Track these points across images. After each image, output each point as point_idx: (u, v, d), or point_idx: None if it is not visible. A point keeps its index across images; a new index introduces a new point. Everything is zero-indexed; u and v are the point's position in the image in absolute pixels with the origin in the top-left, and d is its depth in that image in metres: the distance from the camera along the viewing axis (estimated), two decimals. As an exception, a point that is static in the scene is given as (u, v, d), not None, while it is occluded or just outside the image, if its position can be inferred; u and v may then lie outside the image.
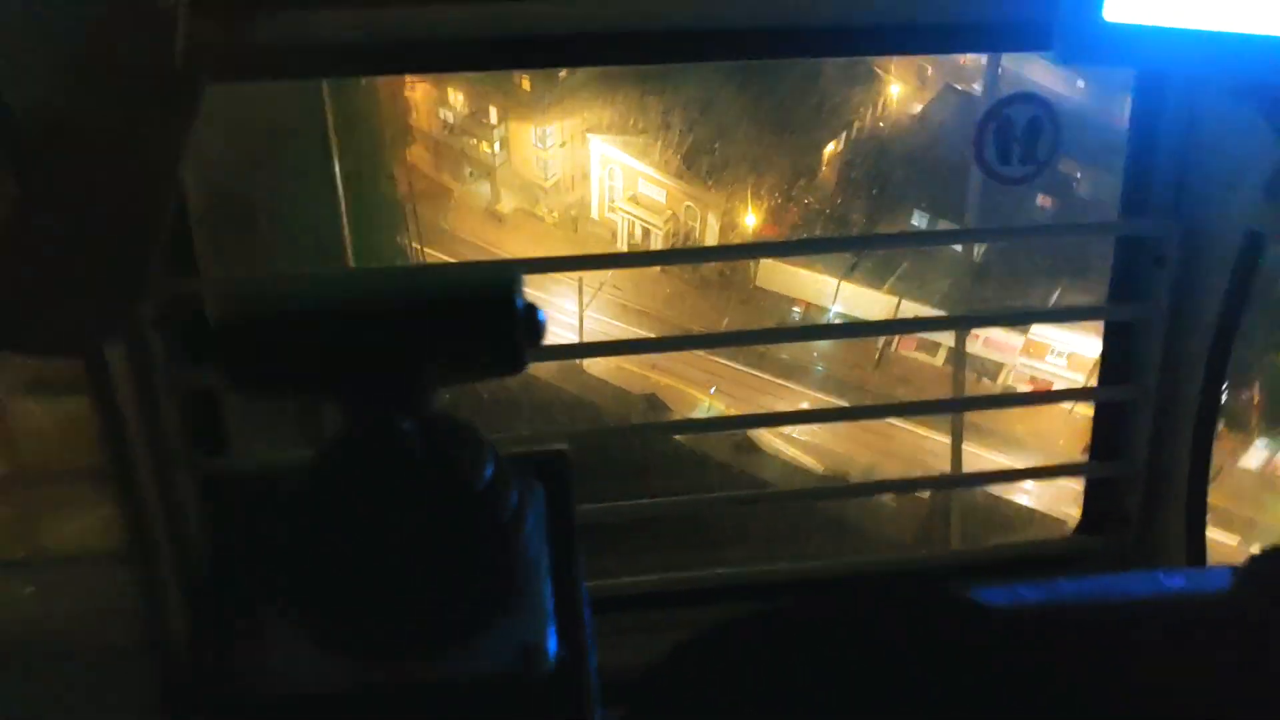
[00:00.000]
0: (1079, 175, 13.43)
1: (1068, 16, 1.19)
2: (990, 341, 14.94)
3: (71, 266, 1.36)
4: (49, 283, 1.35)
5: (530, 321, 0.89)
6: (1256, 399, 12.62)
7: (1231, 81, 1.48)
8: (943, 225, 13.82)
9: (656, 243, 17.27)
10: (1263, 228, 1.72)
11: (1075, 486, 2.21)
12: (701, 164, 16.32)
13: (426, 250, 14.61)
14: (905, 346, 15.80)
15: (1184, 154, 1.91)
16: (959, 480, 2.24)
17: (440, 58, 1.78)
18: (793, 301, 16.63)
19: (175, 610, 1.88)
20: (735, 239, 17.16)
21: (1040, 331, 14.76)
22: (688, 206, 17.02)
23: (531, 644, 0.82)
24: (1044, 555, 2.28)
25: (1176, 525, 2.06)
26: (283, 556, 0.84)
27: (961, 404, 2.07)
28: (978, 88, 14.30)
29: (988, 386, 14.55)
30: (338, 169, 2.09)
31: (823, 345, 16.09)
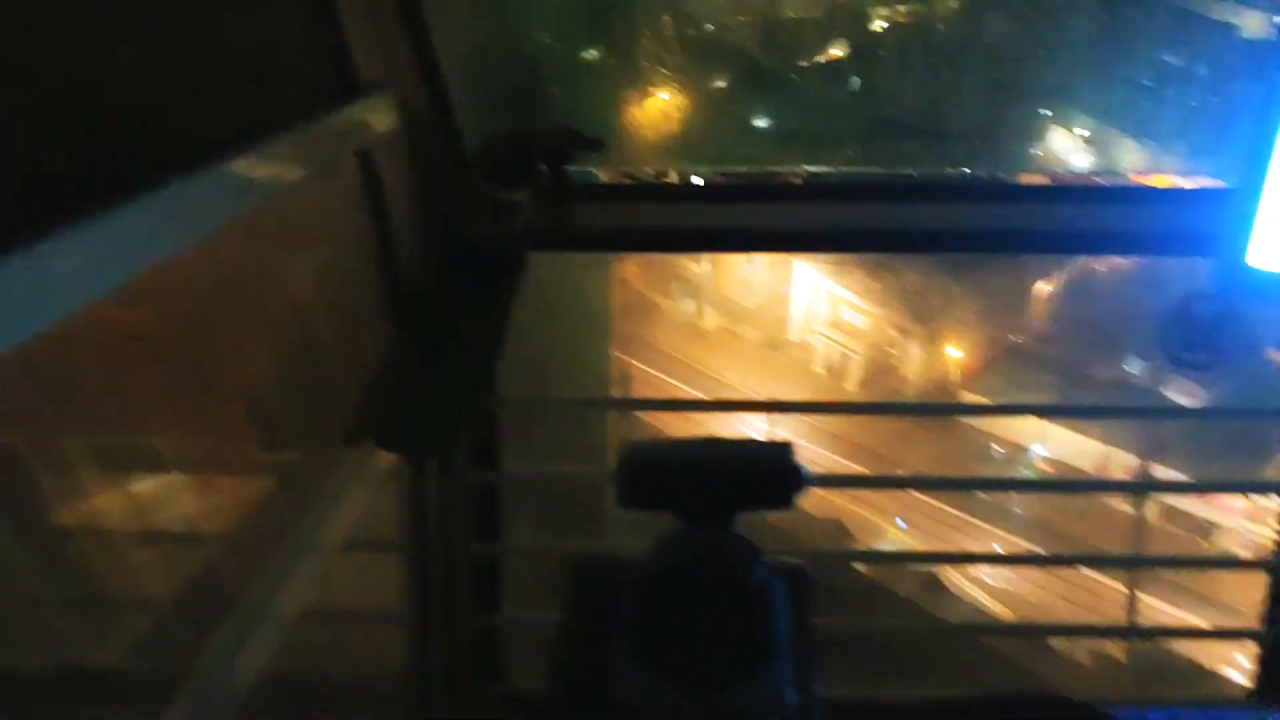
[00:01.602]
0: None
1: (1222, 261, 1.47)
2: (1213, 499, 14.04)
3: (433, 393, 1.85)
4: (415, 404, 1.85)
5: (800, 474, 1.35)
6: None
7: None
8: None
9: (854, 368, 17.40)
10: None
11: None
12: (909, 298, 16.41)
13: (630, 360, 15.33)
14: (1118, 501, 15.02)
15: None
16: (1130, 631, 2.39)
17: (702, 241, 2.23)
18: (993, 438, 16.22)
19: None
20: (935, 370, 17.05)
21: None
22: (890, 336, 17.11)
23: (778, 688, 1.23)
24: (1225, 714, 2.39)
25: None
26: (635, 614, 1.27)
27: (1137, 486, 2.22)
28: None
29: (1197, 544, 13.66)
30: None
31: (1048, 496, 15.50)
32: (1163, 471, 13.68)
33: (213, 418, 1.60)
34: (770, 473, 1.39)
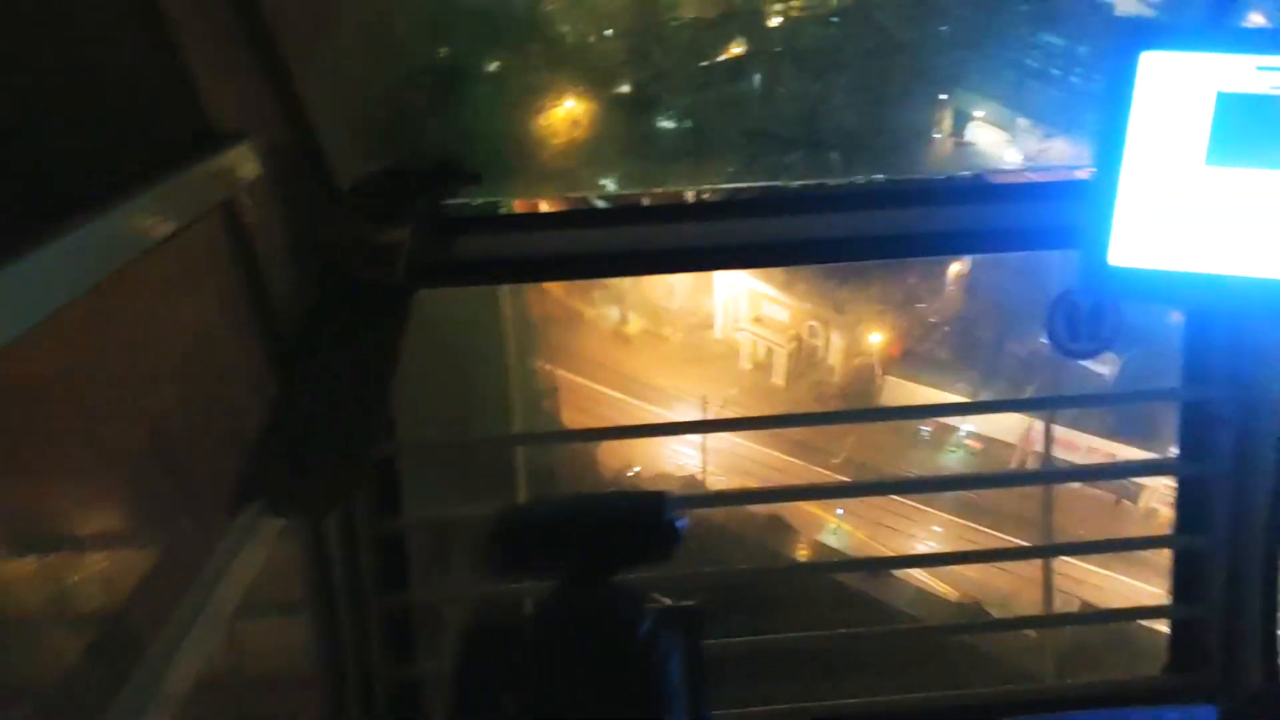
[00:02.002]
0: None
1: (1084, 259, 1.47)
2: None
3: (320, 448, 1.79)
4: (303, 461, 1.78)
5: (675, 528, 1.33)
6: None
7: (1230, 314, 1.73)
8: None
9: (780, 360, 17.58)
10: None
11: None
12: (826, 287, 16.64)
13: (559, 370, 15.28)
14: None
15: (1237, 327, 2.15)
16: (1049, 620, 2.45)
17: (599, 267, 2.20)
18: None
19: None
20: (858, 356, 17.31)
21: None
22: (811, 326, 17.32)
23: None
24: (1138, 690, 2.44)
25: (1253, 661, 2.22)
26: (523, 675, 1.24)
27: (1042, 476, 2.28)
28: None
29: (1127, 508, 14.10)
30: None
31: (957, 466, 15.86)
32: (1081, 437, 14.20)
33: (88, 488, 1.54)
34: (645, 529, 1.38)
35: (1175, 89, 1.34)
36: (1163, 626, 2.45)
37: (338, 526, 2.17)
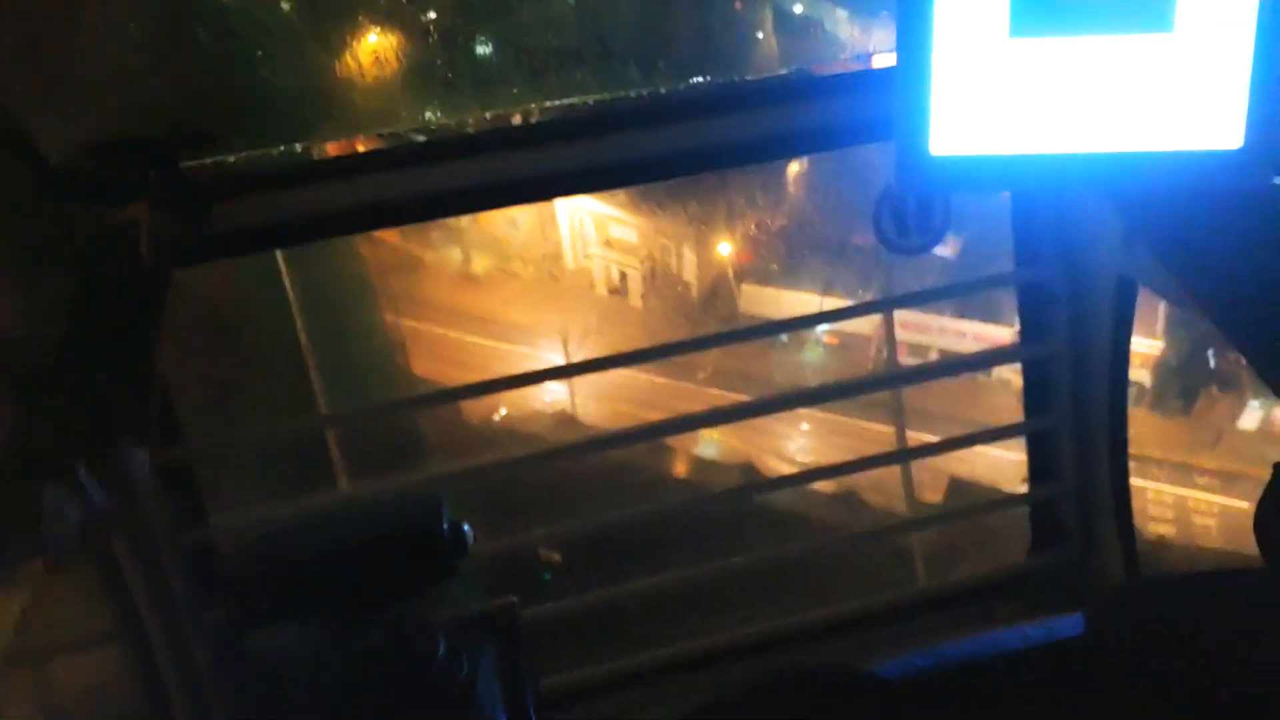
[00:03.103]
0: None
1: (901, 152, 1.35)
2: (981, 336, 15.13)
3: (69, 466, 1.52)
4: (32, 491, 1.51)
5: (457, 538, 1.13)
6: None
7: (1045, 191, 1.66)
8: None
9: (635, 283, 17.50)
10: (1130, 272, 1.90)
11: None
12: (671, 203, 16.55)
13: (406, 322, 14.80)
14: (900, 353, 15.96)
15: (1061, 206, 2.09)
16: (906, 454, 2.41)
17: (368, 218, 1.95)
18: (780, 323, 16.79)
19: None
20: (711, 268, 17.39)
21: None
22: (662, 244, 17.26)
23: None
24: (1004, 579, 2.44)
25: (1111, 536, 2.22)
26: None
27: (897, 379, 2.25)
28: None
29: (982, 380, 14.72)
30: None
31: (817, 363, 16.25)
32: (933, 319, 14.73)
33: None
34: (419, 547, 1.17)
35: None
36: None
37: (129, 546, 1.91)
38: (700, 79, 2.04)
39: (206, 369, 2.14)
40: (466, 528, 1.16)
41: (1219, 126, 1.23)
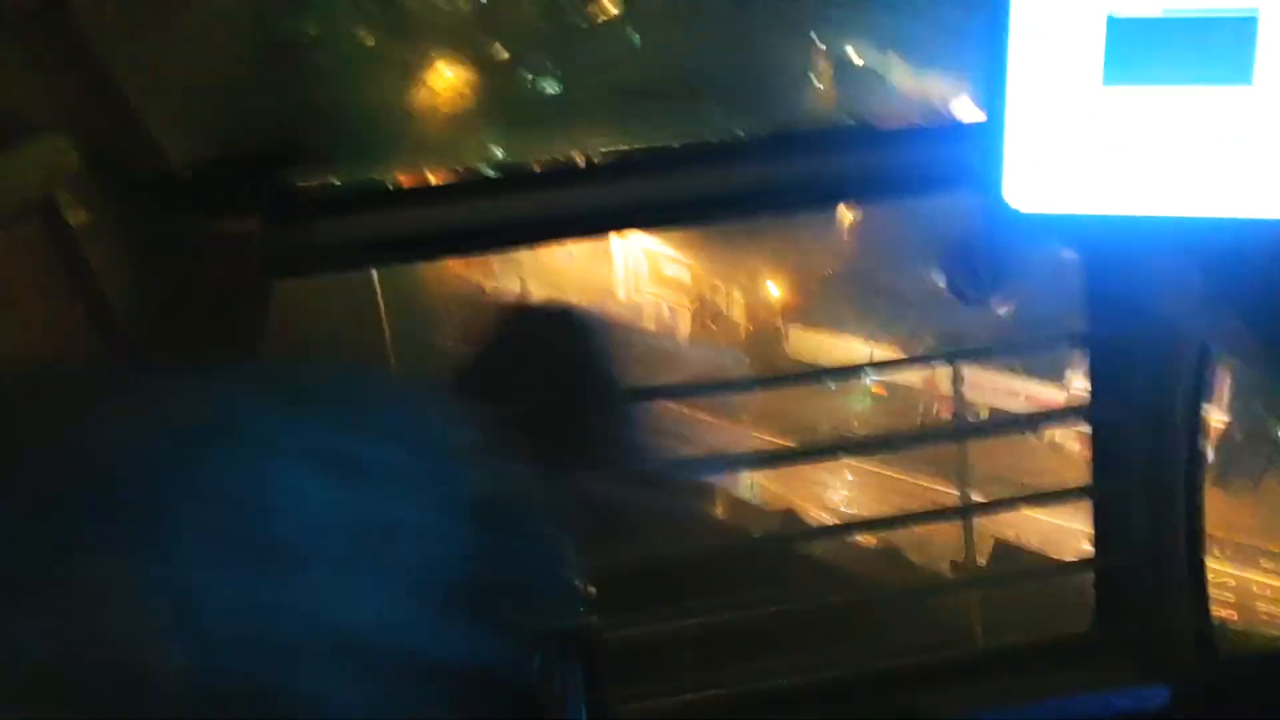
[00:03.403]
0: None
1: (980, 202, 1.37)
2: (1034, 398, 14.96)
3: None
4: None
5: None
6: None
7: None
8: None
9: (683, 320, 17.58)
10: (1209, 338, 1.89)
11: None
12: (724, 243, 16.65)
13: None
14: (944, 411, 15.78)
15: (1139, 266, 2.08)
16: (965, 510, 2.39)
17: (460, 243, 2.02)
18: (827, 371, 16.71)
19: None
20: (762, 310, 17.42)
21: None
22: (713, 285, 17.33)
23: None
24: (1066, 647, 2.39)
25: (1184, 611, 2.17)
26: None
27: (960, 433, 2.25)
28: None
29: (1033, 443, 14.51)
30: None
31: (863, 412, 16.15)
32: (985, 376, 14.57)
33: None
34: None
35: (1063, 17, 1.24)
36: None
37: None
38: (764, 127, 2.09)
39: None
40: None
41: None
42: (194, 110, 1.84)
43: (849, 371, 3.20)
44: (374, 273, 2.21)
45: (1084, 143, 1.29)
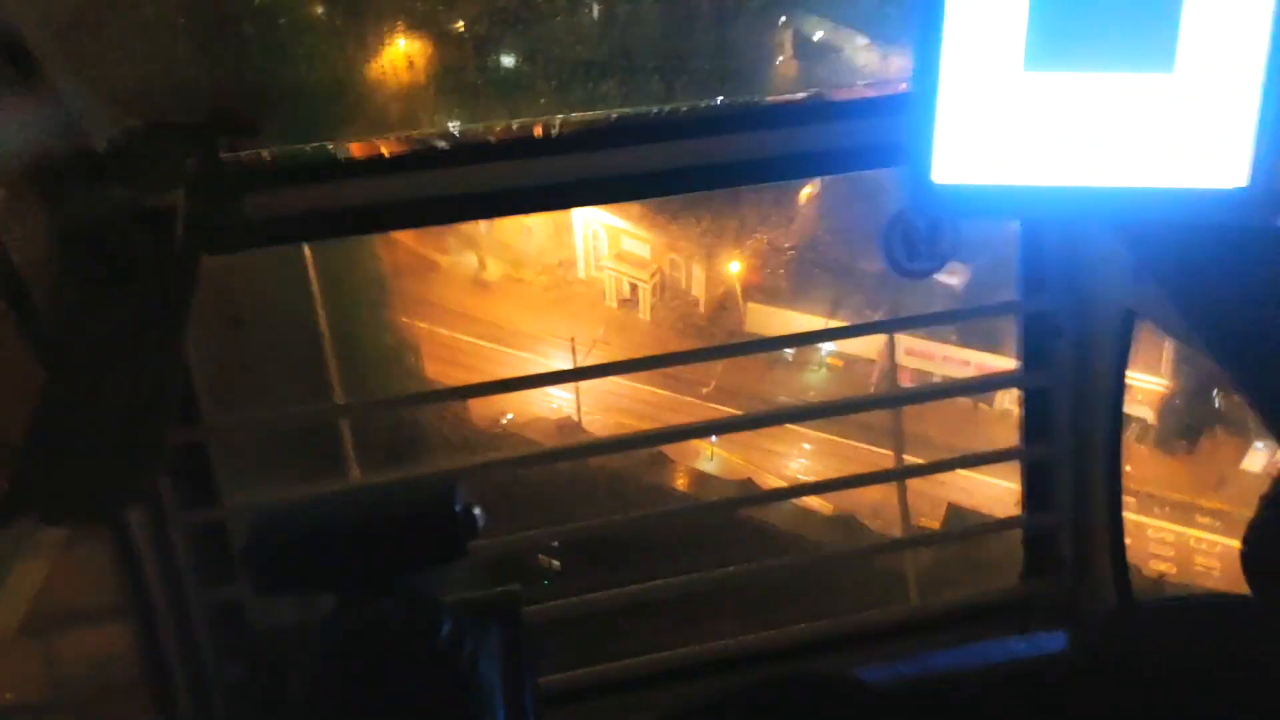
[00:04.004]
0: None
1: (912, 177, 1.39)
2: (980, 365, 15.17)
3: (98, 445, 1.57)
4: (78, 462, 1.57)
5: (468, 520, 1.18)
6: (1251, 401, 12.84)
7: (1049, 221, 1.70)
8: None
9: (645, 295, 17.55)
10: (1135, 307, 1.94)
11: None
12: (684, 218, 16.63)
13: (419, 323, 14.86)
14: (901, 380, 15.96)
15: (1070, 235, 2.14)
16: (902, 473, 2.44)
17: (396, 217, 2.00)
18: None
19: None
20: (720, 286, 17.44)
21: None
22: (672, 259, 17.31)
23: None
24: (995, 603, 2.47)
25: (1104, 566, 2.26)
26: (292, 699, 1.08)
27: (897, 399, 2.29)
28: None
29: (984, 410, 14.75)
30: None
31: (820, 384, 16.29)
32: (936, 346, 14.78)
33: None
34: (430, 527, 1.22)
35: None
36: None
37: (143, 524, 1.96)
38: (720, 98, 2.08)
39: (227, 353, 2.19)
40: (478, 510, 1.22)
41: (1224, 165, 1.27)
42: (116, 81, 1.81)
43: (795, 340, 3.23)
44: (305, 248, 2.18)
45: (1009, 121, 1.31)
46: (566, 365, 15.78)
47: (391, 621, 1.13)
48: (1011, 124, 1.30)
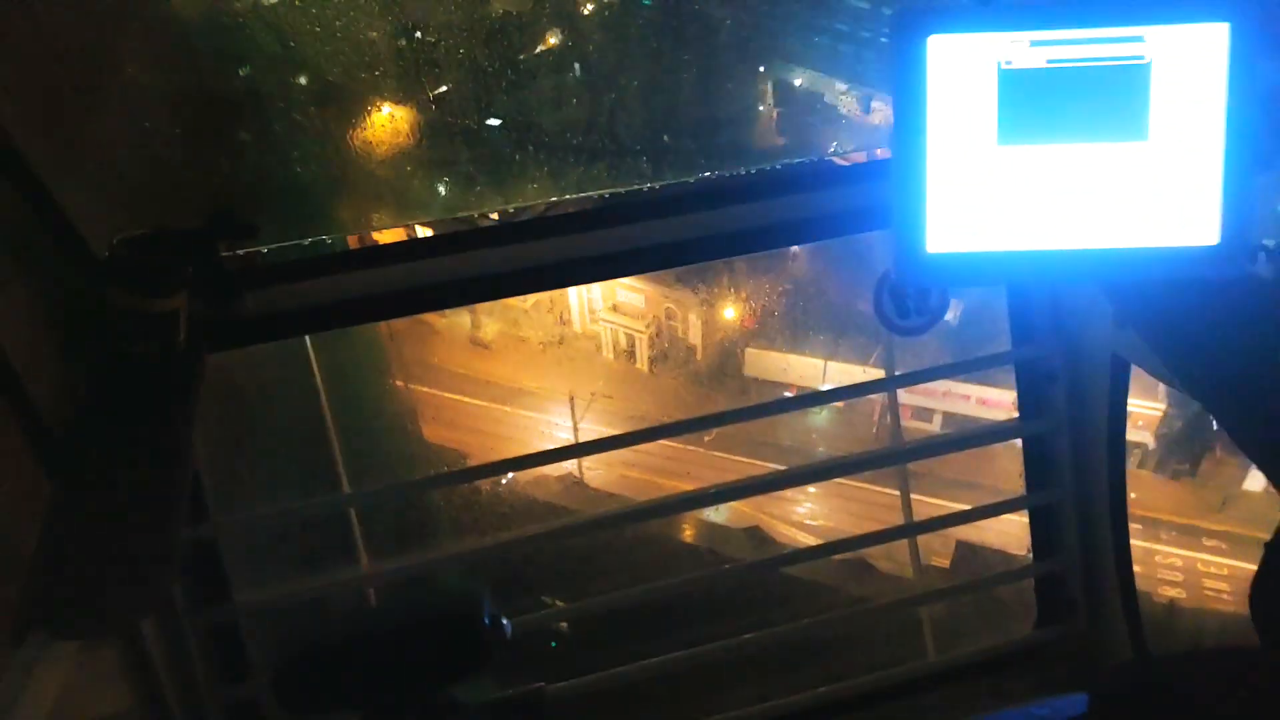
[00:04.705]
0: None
1: (898, 249, 1.42)
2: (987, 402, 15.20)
3: (109, 554, 1.58)
4: (90, 572, 1.58)
5: (497, 631, 1.19)
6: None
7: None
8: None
9: (642, 347, 17.62)
10: (1122, 352, 1.97)
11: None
12: (678, 269, 16.73)
13: (417, 388, 14.88)
14: (903, 416, 15.91)
15: (1055, 291, 2.17)
16: (912, 529, 2.45)
17: (394, 305, 2.03)
18: (784, 386, 16.89)
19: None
20: (717, 332, 17.51)
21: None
22: (668, 309, 17.41)
23: None
24: (1009, 652, 2.46)
25: (1115, 608, 2.26)
26: None
27: (899, 456, 2.31)
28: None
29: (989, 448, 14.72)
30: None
31: (822, 426, 16.30)
32: (938, 383, 14.82)
33: None
34: (461, 641, 1.24)
35: (963, 71, 1.30)
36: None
37: (154, 627, 1.96)
38: (708, 173, 2.13)
39: (233, 448, 2.21)
40: (506, 621, 1.23)
41: (1197, 225, 1.30)
42: (113, 186, 1.86)
43: (794, 404, 3.19)
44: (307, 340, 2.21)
45: (990, 191, 1.34)
46: (567, 421, 15.81)
47: None
48: (993, 194, 1.34)
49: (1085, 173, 1.31)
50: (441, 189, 2.20)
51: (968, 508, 2.39)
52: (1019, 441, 2.44)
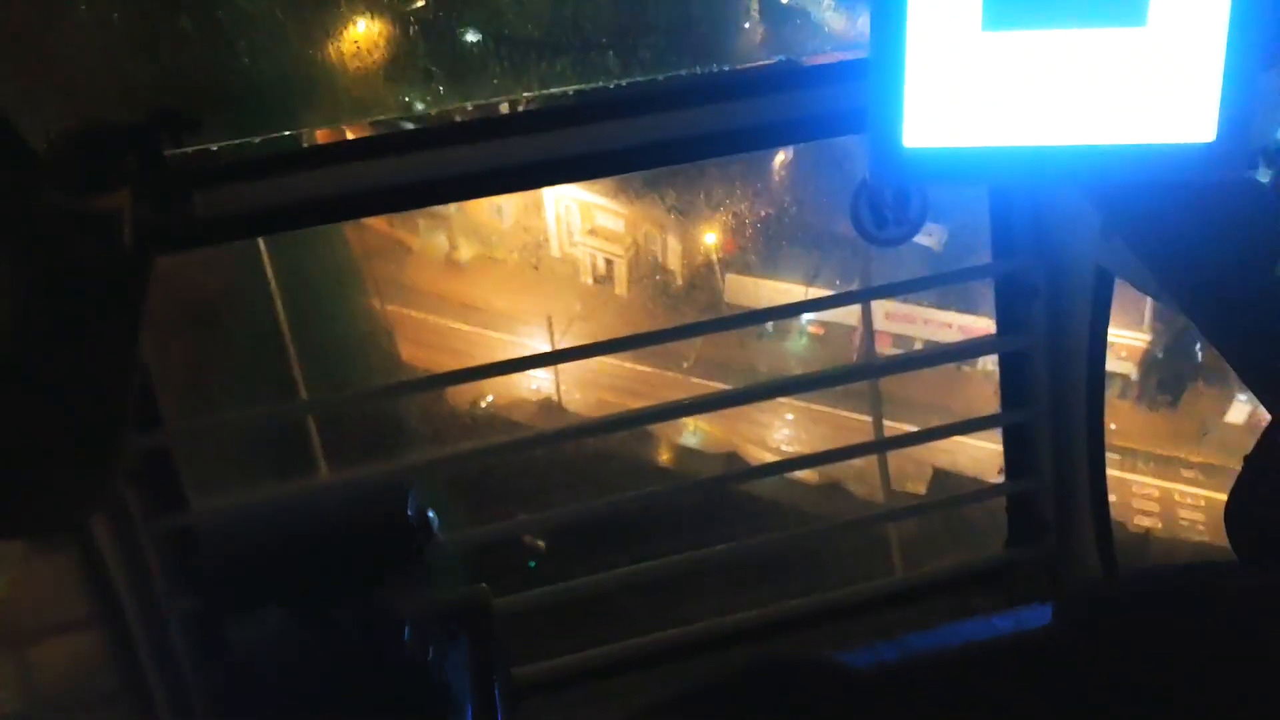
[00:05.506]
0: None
1: (874, 144, 1.35)
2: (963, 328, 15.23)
3: (50, 454, 1.52)
4: (30, 470, 1.52)
5: (423, 525, 1.14)
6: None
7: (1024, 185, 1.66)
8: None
9: (620, 270, 17.49)
10: (1107, 264, 1.92)
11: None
12: (658, 189, 16.55)
13: (393, 308, 14.76)
14: (882, 344, 16.03)
15: (1038, 199, 2.11)
16: (884, 444, 2.43)
17: (351, 206, 1.95)
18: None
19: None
20: (696, 257, 17.40)
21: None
22: (647, 233, 17.24)
23: None
24: (980, 571, 2.46)
25: (1087, 530, 2.24)
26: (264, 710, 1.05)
27: (875, 370, 2.27)
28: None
29: (967, 372, 14.82)
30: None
31: (802, 353, 16.33)
32: (917, 309, 14.84)
33: None
34: (384, 535, 1.19)
35: None
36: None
37: (108, 532, 1.91)
38: (683, 70, 2.03)
39: (187, 354, 2.13)
40: (432, 514, 1.18)
41: (1192, 120, 1.24)
42: (53, 81, 1.75)
43: (772, 314, 3.13)
44: (260, 242, 2.12)
45: (976, 82, 1.28)
46: (544, 345, 15.77)
47: (349, 635, 1.10)
48: (977, 85, 1.27)
49: (1076, 61, 1.24)
50: (402, 84, 2.09)
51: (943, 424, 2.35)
52: (996, 370, 2.40)
